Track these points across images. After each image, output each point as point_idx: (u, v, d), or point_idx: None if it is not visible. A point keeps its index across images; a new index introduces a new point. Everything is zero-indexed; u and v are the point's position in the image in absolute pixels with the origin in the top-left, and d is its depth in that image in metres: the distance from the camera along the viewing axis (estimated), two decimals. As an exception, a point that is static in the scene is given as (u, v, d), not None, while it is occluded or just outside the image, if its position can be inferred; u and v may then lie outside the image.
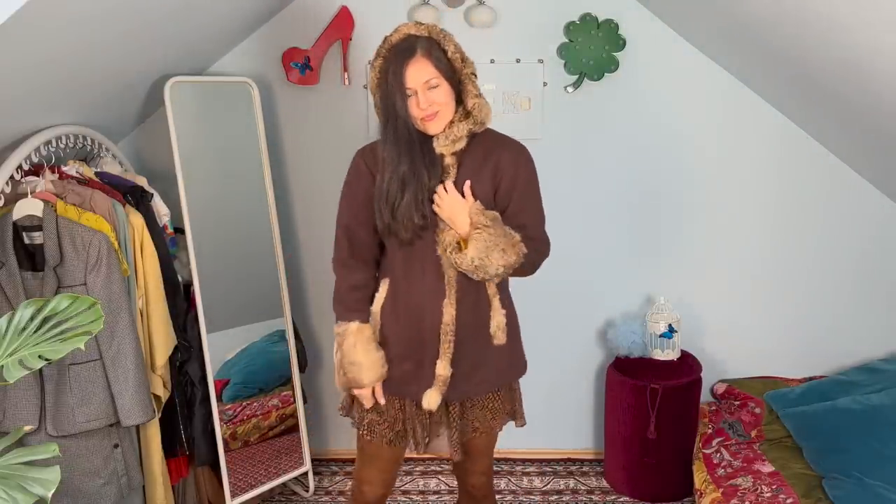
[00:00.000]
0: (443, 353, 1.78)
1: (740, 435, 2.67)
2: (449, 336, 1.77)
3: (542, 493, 2.91)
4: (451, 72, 1.70)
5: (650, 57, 2.78)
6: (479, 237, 1.69)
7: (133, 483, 2.21)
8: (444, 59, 1.68)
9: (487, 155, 1.78)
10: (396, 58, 1.67)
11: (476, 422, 1.89)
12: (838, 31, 1.89)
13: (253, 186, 2.70)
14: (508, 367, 1.92)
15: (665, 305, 2.84)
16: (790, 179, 2.86)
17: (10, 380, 1.37)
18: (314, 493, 2.92)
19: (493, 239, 1.69)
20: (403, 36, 1.69)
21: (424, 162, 1.72)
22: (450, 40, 1.70)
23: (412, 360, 1.82)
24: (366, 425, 1.90)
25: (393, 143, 1.72)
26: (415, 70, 1.66)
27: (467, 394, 1.85)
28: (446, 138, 1.73)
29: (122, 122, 2.73)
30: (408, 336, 1.82)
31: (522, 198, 1.79)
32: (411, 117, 1.69)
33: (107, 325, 2.04)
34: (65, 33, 1.77)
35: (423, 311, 1.79)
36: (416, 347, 1.81)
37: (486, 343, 1.83)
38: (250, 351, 2.74)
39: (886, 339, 2.94)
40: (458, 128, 1.72)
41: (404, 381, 1.84)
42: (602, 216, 2.93)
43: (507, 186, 1.78)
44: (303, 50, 2.77)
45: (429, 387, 1.80)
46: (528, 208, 1.81)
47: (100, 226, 2.09)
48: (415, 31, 1.69)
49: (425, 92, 1.67)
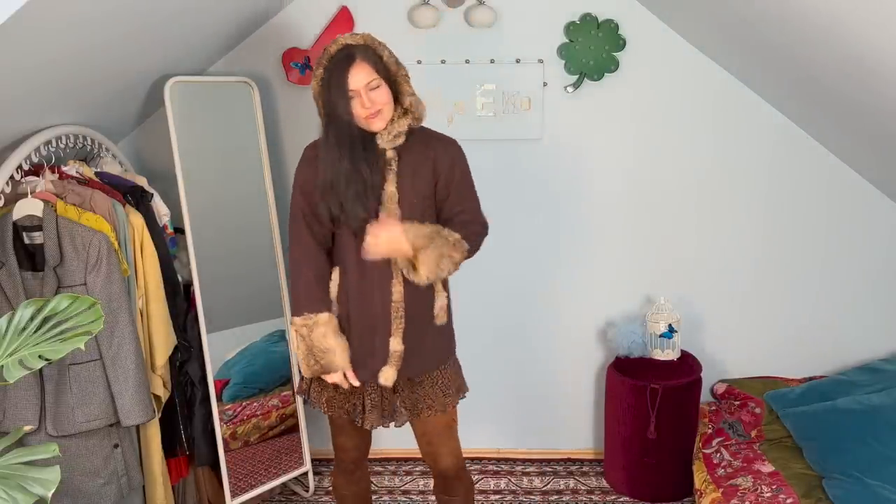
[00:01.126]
0: (395, 331, 1.93)
1: (740, 435, 2.68)
2: (399, 313, 1.93)
3: (542, 493, 2.91)
4: (388, 74, 1.86)
5: (650, 57, 2.78)
6: (426, 257, 1.84)
7: (133, 483, 2.21)
8: (381, 63, 1.85)
9: (425, 150, 1.94)
10: (338, 65, 1.82)
11: (428, 399, 2.01)
12: (840, 29, 1.89)
13: (253, 186, 2.70)
14: (447, 344, 2.07)
15: (665, 305, 2.84)
16: (790, 179, 2.86)
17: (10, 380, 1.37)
18: (314, 493, 2.92)
19: (437, 251, 1.85)
20: (342, 46, 1.84)
21: (365, 157, 1.86)
22: (384, 47, 1.87)
23: (366, 339, 1.96)
24: (324, 402, 2.04)
25: (334, 144, 1.86)
26: (356, 73, 1.81)
27: (419, 368, 1.99)
28: (388, 134, 1.88)
29: (122, 122, 2.73)
30: (361, 318, 1.96)
31: (459, 189, 1.97)
32: (355, 117, 1.84)
33: (107, 325, 2.04)
34: (65, 33, 1.77)
35: (374, 292, 1.93)
36: (370, 327, 1.95)
37: (430, 322, 1.99)
38: (250, 351, 2.74)
39: (886, 339, 2.94)
40: (399, 124, 1.88)
41: (360, 361, 1.96)
42: (602, 216, 2.93)
43: (445, 180, 1.95)
44: (303, 50, 2.77)
45: (384, 364, 1.94)
46: (465, 197, 1.99)
47: (100, 226, 2.09)
48: (352, 40, 1.85)
49: (367, 93, 1.82)
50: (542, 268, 2.98)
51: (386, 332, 1.93)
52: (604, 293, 3.00)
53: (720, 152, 2.86)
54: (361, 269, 1.93)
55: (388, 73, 1.86)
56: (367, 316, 1.95)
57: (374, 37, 1.87)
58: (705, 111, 2.82)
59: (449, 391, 2.04)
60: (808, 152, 2.82)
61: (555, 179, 2.91)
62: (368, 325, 1.95)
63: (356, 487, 2.26)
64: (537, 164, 2.90)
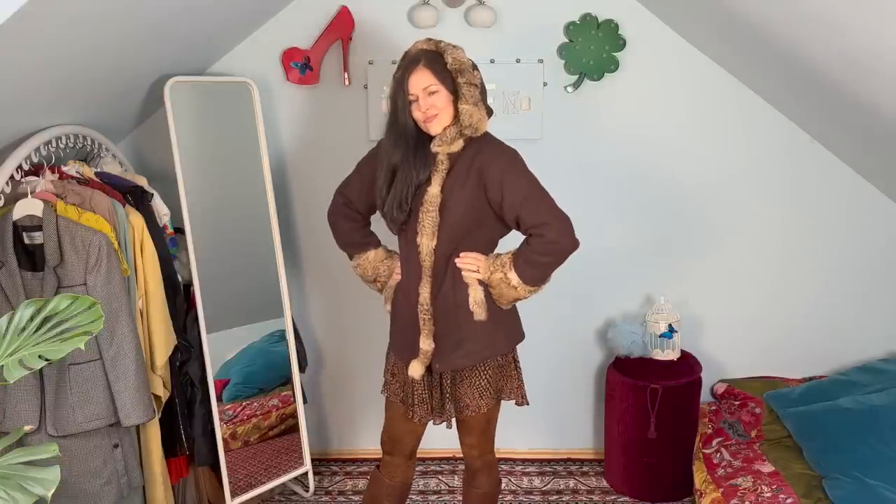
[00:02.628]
0: (423, 329, 2.00)
1: (740, 435, 2.68)
2: (424, 315, 1.99)
3: (542, 493, 2.91)
4: (450, 81, 1.91)
5: (650, 57, 2.78)
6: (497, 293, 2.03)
7: (133, 483, 2.21)
8: (444, 70, 1.90)
9: (474, 158, 1.95)
10: (404, 68, 1.92)
11: (466, 398, 2.06)
12: (842, 29, 1.89)
13: (253, 186, 2.70)
14: (490, 342, 2.05)
15: (665, 305, 2.84)
16: (790, 179, 2.86)
17: (10, 380, 1.37)
18: (314, 493, 2.92)
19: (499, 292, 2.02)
20: (415, 49, 1.95)
21: (416, 155, 1.95)
22: (450, 53, 1.92)
23: (406, 333, 2.05)
24: (385, 384, 2.19)
25: (391, 140, 1.98)
26: (416, 77, 1.90)
27: (454, 365, 2.02)
28: (441, 139, 1.94)
29: (122, 122, 2.73)
30: (400, 314, 2.09)
31: (513, 196, 1.93)
32: (414, 120, 1.94)
33: (107, 325, 2.04)
34: (65, 33, 1.77)
35: (409, 292, 2.03)
36: (408, 323, 2.05)
37: (468, 319, 2.01)
38: (250, 351, 2.74)
39: (886, 339, 2.94)
40: (451, 130, 1.93)
41: (404, 350, 2.08)
42: (602, 216, 2.92)
43: (496, 192, 1.94)
44: (303, 50, 2.77)
45: (416, 358, 2.02)
46: (533, 210, 1.94)
47: (100, 226, 2.09)
48: (424, 45, 1.94)
49: (426, 97, 1.90)
50: (542, 268, 2.97)
51: (416, 331, 2.01)
52: (604, 293, 3.00)
53: (720, 152, 2.86)
54: (404, 268, 2.07)
55: (450, 79, 1.91)
56: (404, 313, 2.06)
57: (447, 44, 1.93)
58: (705, 111, 2.82)
59: (486, 393, 2.06)
60: (808, 152, 2.82)
61: (555, 179, 2.89)
62: (405, 321, 2.06)
63: (390, 481, 2.23)
64: (537, 164, 2.85)
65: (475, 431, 2.16)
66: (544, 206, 1.95)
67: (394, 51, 1.97)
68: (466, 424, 2.14)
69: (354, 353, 3.09)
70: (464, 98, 1.90)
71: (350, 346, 3.08)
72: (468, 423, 2.14)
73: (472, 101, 1.91)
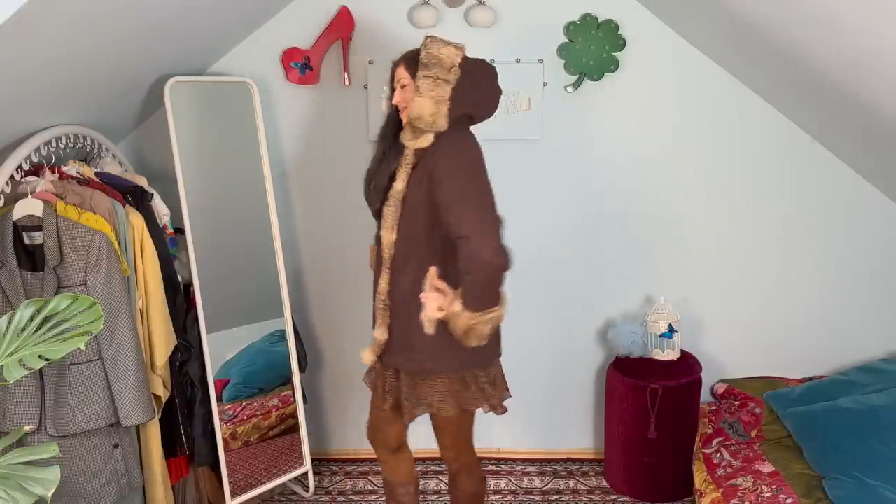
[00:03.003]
0: (377, 319, 2.02)
1: (740, 435, 2.67)
2: (380, 305, 2.01)
3: (542, 493, 2.91)
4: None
5: (650, 57, 2.78)
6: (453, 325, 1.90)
7: (133, 483, 2.21)
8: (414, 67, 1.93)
9: (431, 156, 1.93)
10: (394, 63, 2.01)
11: (427, 397, 2.02)
12: (842, 29, 1.88)
13: (253, 186, 2.70)
14: (434, 356, 1.96)
15: (665, 305, 2.84)
16: (790, 179, 2.86)
17: (10, 380, 1.37)
18: (314, 493, 2.92)
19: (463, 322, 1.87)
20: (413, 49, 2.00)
21: (392, 147, 2.02)
22: (429, 48, 1.90)
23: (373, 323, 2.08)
24: (367, 371, 2.20)
25: (381, 130, 2.09)
26: (396, 73, 1.99)
27: (399, 364, 2.03)
28: (404, 133, 1.98)
29: (122, 122, 2.73)
30: (372, 302, 2.09)
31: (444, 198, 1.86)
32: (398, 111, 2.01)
33: (107, 325, 2.04)
34: (65, 33, 1.77)
35: (375, 281, 2.05)
36: (374, 312, 2.07)
37: (419, 328, 1.92)
38: (250, 351, 2.74)
39: (886, 339, 2.94)
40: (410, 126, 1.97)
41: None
42: (602, 216, 2.93)
43: (435, 191, 1.89)
44: (303, 50, 2.77)
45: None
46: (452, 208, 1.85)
47: (100, 226, 2.09)
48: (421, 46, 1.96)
49: (399, 90, 1.98)
50: (542, 268, 2.97)
51: (375, 320, 2.04)
52: (604, 293, 3.00)
53: (720, 152, 2.86)
54: (377, 257, 2.06)
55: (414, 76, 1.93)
56: (373, 301, 2.07)
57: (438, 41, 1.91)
58: (705, 111, 2.82)
59: (446, 398, 1.99)
60: (808, 152, 2.82)
61: (555, 179, 2.91)
62: (373, 309, 2.07)
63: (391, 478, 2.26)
64: (537, 164, 2.90)
65: (447, 433, 2.14)
66: (470, 216, 1.81)
67: (394, 51, 1.97)
68: (437, 425, 2.13)
69: (354, 353, 3.05)
70: (418, 91, 1.88)
71: (350, 346, 3.08)
72: (438, 424, 2.13)
73: (429, 95, 1.86)
